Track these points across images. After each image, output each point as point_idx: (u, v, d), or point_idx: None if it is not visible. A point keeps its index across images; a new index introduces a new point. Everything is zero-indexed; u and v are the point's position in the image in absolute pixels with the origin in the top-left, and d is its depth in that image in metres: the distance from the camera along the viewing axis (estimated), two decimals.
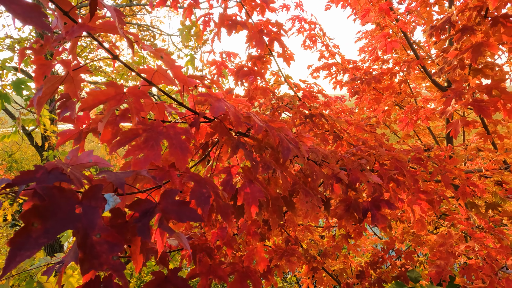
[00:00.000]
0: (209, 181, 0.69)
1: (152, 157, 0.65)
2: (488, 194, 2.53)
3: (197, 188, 0.65)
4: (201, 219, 0.55)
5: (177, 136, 0.70)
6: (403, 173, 1.72)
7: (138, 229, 0.52)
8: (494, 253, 1.85)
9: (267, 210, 1.03)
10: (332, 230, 2.84)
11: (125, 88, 0.71)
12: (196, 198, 0.64)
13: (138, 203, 0.55)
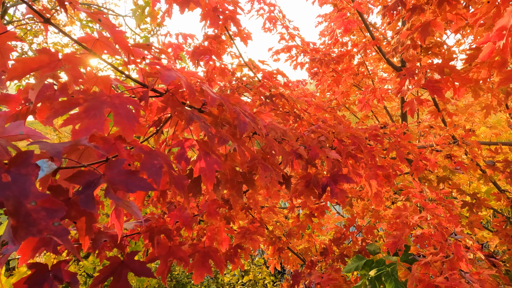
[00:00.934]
0: (160, 153, 0.66)
1: (94, 127, 0.60)
2: (439, 168, 2.69)
3: (148, 159, 0.62)
4: (151, 188, 0.52)
5: (123, 106, 0.66)
6: (361, 149, 1.77)
7: (80, 201, 0.48)
8: (444, 222, 1.97)
9: (226, 186, 1.01)
10: (296, 210, 2.89)
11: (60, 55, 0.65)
12: (147, 169, 0.60)
13: (80, 175, 0.51)
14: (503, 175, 2.28)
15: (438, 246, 1.71)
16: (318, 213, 2.75)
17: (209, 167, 0.78)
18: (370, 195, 1.75)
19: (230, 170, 1.01)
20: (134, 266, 0.92)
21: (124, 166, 0.57)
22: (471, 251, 1.99)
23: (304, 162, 1.42)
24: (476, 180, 2.80)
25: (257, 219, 2.66)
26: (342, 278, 2.33)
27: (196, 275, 1.13)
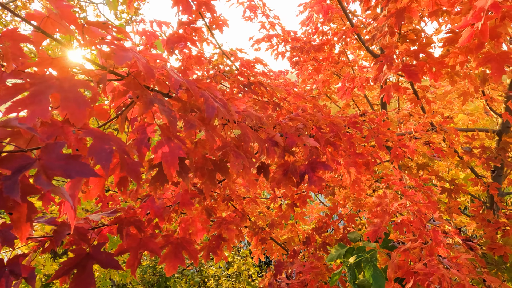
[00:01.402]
0: (113, 138, 0.61)
1: (40, 113, 0.55)
2: (418, 155, 2.72)
3: (98, 143, 0.57)
4: (93, 173, 0.48)
5: (73, 90, 0.61)
6: (340, 137, 1.75)
7: (5, 187, 0.43)
8: (423, 208, 1.99)
9: (196, 174, 0.97)
10: (279, 201, 2.88)
11: None
12: (96, 154, 0.56)
13: (11, 159, 0.46)
14: (480, 161, 2.31)
15: (417, 233, 1.72)
16: (300, 203, 2.74)
17: (172, 153, 0.73)
18: (349, 183, 1.74)
19: (200, 157, 0.97)
20: (101, 258, 0.88)
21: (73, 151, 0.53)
22: (449, 236, 2.01)
23: (280, 150, 1.39)
24: (454, 167, 2.84)
25: (239, 210, 2.63)
26: (324, 266, 2.33)
27: (169, 267, 1.10)
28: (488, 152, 2.35)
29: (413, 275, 1.43)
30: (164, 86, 0.95)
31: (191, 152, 0.97)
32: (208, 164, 0.97)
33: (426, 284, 1.31)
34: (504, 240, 2.29)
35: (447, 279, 1.32)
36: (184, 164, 0.96)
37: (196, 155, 0.97)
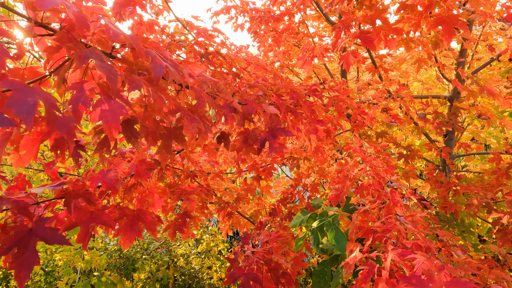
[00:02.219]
0: (41, 91, 0.54)
1: None
2: (377, 124, 2.80)
3: (19, 95, 0.50)
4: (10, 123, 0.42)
5: None
6: (300, 104, 1.74)
7: None
8: (382, 172, 2.07)
9: (148, 139, 0.92)
10: (244, 174, 2.87)
11: None
12: (16, 106, 0.49)
13: None
14: (433, 126, 2.42)
15: (376, 194, 1.78)
16: (265, 175, 2.75)
17: (113, 112, 0.67)
18: (310, 150, 1.75)
19: (151, 121, 0.92)
20: (45, 234, 0.81)
21: None
22: (406, 196, 2.11)
23: (239, 117, 1.35)
24: (410, 134, 2.96)
25: (204, 186, 2.59)
26: (290, 235, 2.38)
27: (124, 239, 1.05)
28: (441, 118, 2.46)
29: (372, 233, 1.49)
30: (106, 46, 0.87)
31: (141, 116, 0.91)
32: (160, 128, 0.91)
33: (384, 240, 1.37)
34: (455, 198, 2.45)
35: (403, 234, 1.38)
36: (133, 129, 0.90)
37: (147, 120, 0.91)
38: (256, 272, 1.54)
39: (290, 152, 2.82)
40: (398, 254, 1.13)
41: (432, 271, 0.89)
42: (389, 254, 1.13)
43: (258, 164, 2.78)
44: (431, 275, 0.86)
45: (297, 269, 1.87)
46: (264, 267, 1.62)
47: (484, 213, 2.52)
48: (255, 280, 1.48)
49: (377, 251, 1.29)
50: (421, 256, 1.07)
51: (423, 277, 0.86)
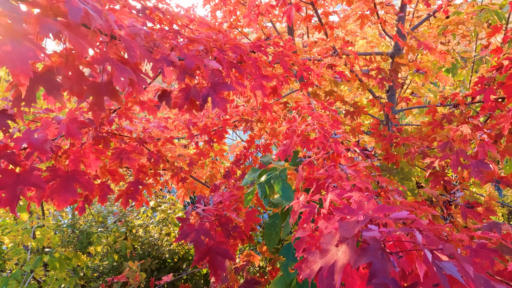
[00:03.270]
0: None
1: None
2: (325, 82, 2.86)
3: None
4: None
5: None
6: (244, 60, 1.72)
7: None
8: (328, 126, 2.14)
9: (73, 92, 0.86)
10: (195, 139, 2.83)
11: None
12: None
13: None
14: (376, 81, 2.52)
15: (321, 146, 1.85)
16: (217, 138, 2.74)
17: (20, 56, 0.61)
18: (256, 105, 1.75)
19: (74, 71, 0.85)
20: None
21: None
22: (351, 148, 2.23)
23: (179, 72, 1.30)
24: (357, 92, 3.07)
25: (154, 153, 2.54)
26: (244, 194, 2.43)
27: (59, 201, 1.00)
28: (383, 73, 2.56)
29: (316, 181, 1.55)
30: None
31: (62, 66, 0.84)
32: (85, 79, 0.85)
33: (326, 186, 1.44)
34: (395, 149, 2.62)
35: (344, 179, 1.46)
36: (54, 80, 0.83)
37: (69, 70, 0.84)
38: (207, 228, 1.57)
39: (241, 113, 2.81)
40: (336, 194, 1.20)
41: (363, 201, 0.95)
42: (329, 195, 1.19)
43: (210, 127, 2.76)
44: (361, 205, 0.93)
45: (251, 224, 1.93)
46: (215, 222, 1.65)
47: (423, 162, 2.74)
48: (206, 234, 1.51)
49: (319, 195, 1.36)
50: (357, 193, 1.14)
51: (355, 207, 0.93)
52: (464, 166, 1.67)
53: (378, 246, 0.59)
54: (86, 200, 2.28)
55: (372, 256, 0.57)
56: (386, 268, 0.55)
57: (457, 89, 3.87)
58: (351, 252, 0.60)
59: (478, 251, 0.97)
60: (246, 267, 2.50)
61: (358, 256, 0.59)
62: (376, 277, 0.54)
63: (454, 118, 2.50)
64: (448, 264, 0.54)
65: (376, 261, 0.57)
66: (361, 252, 0.60)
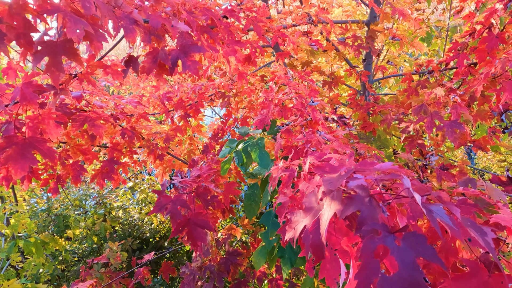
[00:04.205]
0: None
1: None
2: (302, 52, 2.81)
3: None
4: None
5: None
6: (216, 24, 1.64)
7: None
8: (305, 94, 2.11)
9: (19, 43, 0.78)
10: (171, 114, 2.75)
11: None
12: None
13: None
14: (352, 48, 2.49)
15: (298, 113, 1.82)
16: (193, 113, 2.67)
17: None
18: (229, 72, 1.69)
19: (20, 21, 0.77)
20: None
21: None
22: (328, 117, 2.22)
23: (144, 33, 1.23)
24: (332, 60, 3.04)
25: (128, 129, 2.45)
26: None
27: (16, 168, 0.93)
28: (359, 41, 2.53)
29: (295, 148, 1.53)
30: None
31: (5, 15, 0.76)
32: (32, 28, 0.77)
33: (305, 151, 1.42)
34: (372, 118, 2.64)
35: (323, 144, 1.44)
36: None
37: (14, 18, 0.76)
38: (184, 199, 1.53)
39: (217, 87, 2.74)
40: (316, 157, 1.18)
41: (344, 159, 0.94)
42: (308, 158, 1.17)
43: (185, 102, 2.68)
44: (343, 162, 0.91)
45: (230, 197, 1.90)
46: (193, 194, 1.62)
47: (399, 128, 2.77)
48: (183, 205, 1.47)
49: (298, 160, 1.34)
50: (336, 154, 1.12)
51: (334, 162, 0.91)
52: (438, 127, 1.69)
53: (365, 194, 0.56)
54: (58, 181, 2.19)
55: (360, 204, 0.55)
56: (375, 214, 0.53)
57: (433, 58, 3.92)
58: (337, 203, 0.58)
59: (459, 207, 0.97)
60: (228, 240, 2.50)
61: (345, 206, 0.57)
62: (365, 224, 0.52)
63: (429, 85, 2.52)
64: (436, 208, 0.53)
65: (364, 209, 0.54)
66: (348, 201, 0.57)
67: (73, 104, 1.92)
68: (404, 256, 0.45)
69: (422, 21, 3.28)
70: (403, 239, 0.47)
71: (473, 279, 0.72)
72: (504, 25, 2.05)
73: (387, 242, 0.48)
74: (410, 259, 0.45)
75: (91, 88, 1.94)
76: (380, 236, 0.49)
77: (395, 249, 0.47)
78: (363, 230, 0.51)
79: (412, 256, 0.45)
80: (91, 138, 2.04)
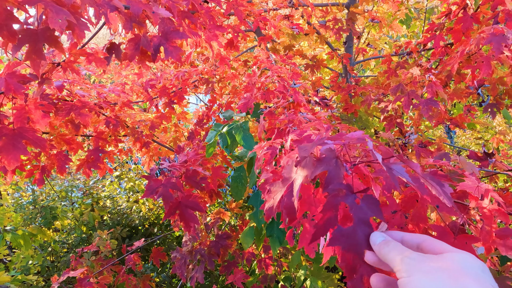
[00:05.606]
0: None
1: None
2: (283, 36, 2.83)
3: None
4: None
5: None
6: (197, 9, 1.65)
7: None
8: (287, 77, 2.15)
9: (1, 34, 0.79)
10: (155, 101, 2.75)
11: None
12: None
13: None
14: (333, 31, 2.53)
15: (280, 95, 1.86)
16: (177, 99, 2.67)
17: None
18: (212, 56, 1.71)
19: (1, 12, 0.78)
20: None
21: None
22: (311, 100, 2.26)
23: (125, 19, 1.23)
24: (314, 44, 3.07)
25: (112, 117, 2.44)
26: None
27: (9, 159, 0.94)
28: (339, 24, 2.57)
29: (278, 129, 1.58)
30: None
31: None
32: (14, 18, 0.78)
33: (287, 131, 1.46)
34: (354, 100, 2.70)
35: (303, 122, 1.49)
36: None
37: None
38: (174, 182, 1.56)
39: (200, 73, 2.74)
40: (297, 134, 1.22)
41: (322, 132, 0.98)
42: (290, 136, 1.22)
43: (169, 88, 2.67)
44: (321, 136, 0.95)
45: (217, 180, 1.95)
46: (181, 177, 1.65)
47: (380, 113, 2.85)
48: (174, 187, 1.51)
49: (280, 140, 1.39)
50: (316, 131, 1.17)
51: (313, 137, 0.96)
52: (414, 105, 1.76)
53: (332, 155, 0.62)
54: (43, 172, 2.18)
55: (327, 165, 0.60)
56: (339, 173, 0.58)
57: (412, 40, 3.99)
58: (308, 167, 0.63)
59: None
60: (217, 223, 2.56)
61: (314, 168, 0.62)
62: (331, 183, 0.57)
63: (408, 65, 2.59)
64: (397, 166, 0.58)
65: (331, 169, 0.59)
66: (317, 163, 0.62)
67: (55, 94, 1.90)
68: (361, 214, 0.51)
69: (401, 3, 3.34)
70: (362, 199, 0.53)
71: None
72: (478, 6, 2.12)
73: (348, 200, 0.53)
74: (365, 217, 0.51)
75: (72, 77, 1.92)
76: (343, 195, 0.54)
77: (354, 207, 0.52)
78: (329, 189, 0.56)
79: (367, 215, 0.51)
80: (75, 128, 2.04)
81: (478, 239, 0.76)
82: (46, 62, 0.98)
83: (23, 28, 0.91)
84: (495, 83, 2.17)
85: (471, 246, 0.80)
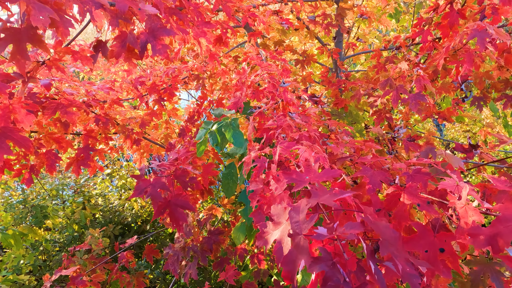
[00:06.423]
0: None
1: None
2: (274, 31, 2.83)
3: None
4: None
5: None
6: (184, 5, 1.64)
7: None
8: (277, 75, 2.15)
9: None
10: (145, 98, 2.73)
11: None
12: None
13: None
14: (322, 27, 2.53)
15: (270, 95, 1.87)
16: (167, 96, 2.66)
17: None
18: (201, 53, 1.70)
19: None
20: None
21: None
22: (301, 96, 2.27)
23: (110, 16, 1.22)
24: (304, 39, 3.07)
25: (102, 115, 2.42)
26: None
27: None
28: (329, 19, 2.57)
29: (267, 131, 1.58)
30: None
31: None
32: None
33: (276, 136, 1.46)
34: (344, 94, 2.72)
35: (292, 128, 1.49)
36: None
37: None
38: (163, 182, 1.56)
39: (191, 69, 2.73)
40: (284, 147, 1.22)
41: (310, 162, 0.99)
42: (278, 148, 1.22)
43: (159, 85, 2.66)
44: (309, 168, 0.96)
45: (208, 178, 1.95)
46: (171, 176, 1.65)
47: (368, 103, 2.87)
48: (163, 187, 1.51)
49: (269, 147, 1.39)
50: (304, 146, 1.18)
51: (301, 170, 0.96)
52: (403, 100, 1.78)
53: (328, 257, 0.64)
54: (32, 171, 2.16)
55: (324, 265, 0.62)
56: (337, 275, 0.61)
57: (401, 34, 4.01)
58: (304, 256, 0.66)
59: (413, 176, 1.06)
60: (209, 220, 2.56)
61: (311, 263, 0.64)
62: (330, 281, 0.60)
63: (397, 60, 2.61)
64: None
65: (328, 270, 0.62)
66: (313, 262, 0.65)
67: (42, 93, 1.88)
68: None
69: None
70: None
71: (421, 240, 0.82)
72: (465, 1, 2.14)
73: None
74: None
75: (60, 75, 1.90)
76: None
77: None
78: (328, 285, 0.60)
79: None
80: (64, 126, 2.02)
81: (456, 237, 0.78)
82: (31, 61, 0.97)
83: (6, 26, 0.89)
84: (482, 77, 2.20)
85: (450, 243, 0.82)
